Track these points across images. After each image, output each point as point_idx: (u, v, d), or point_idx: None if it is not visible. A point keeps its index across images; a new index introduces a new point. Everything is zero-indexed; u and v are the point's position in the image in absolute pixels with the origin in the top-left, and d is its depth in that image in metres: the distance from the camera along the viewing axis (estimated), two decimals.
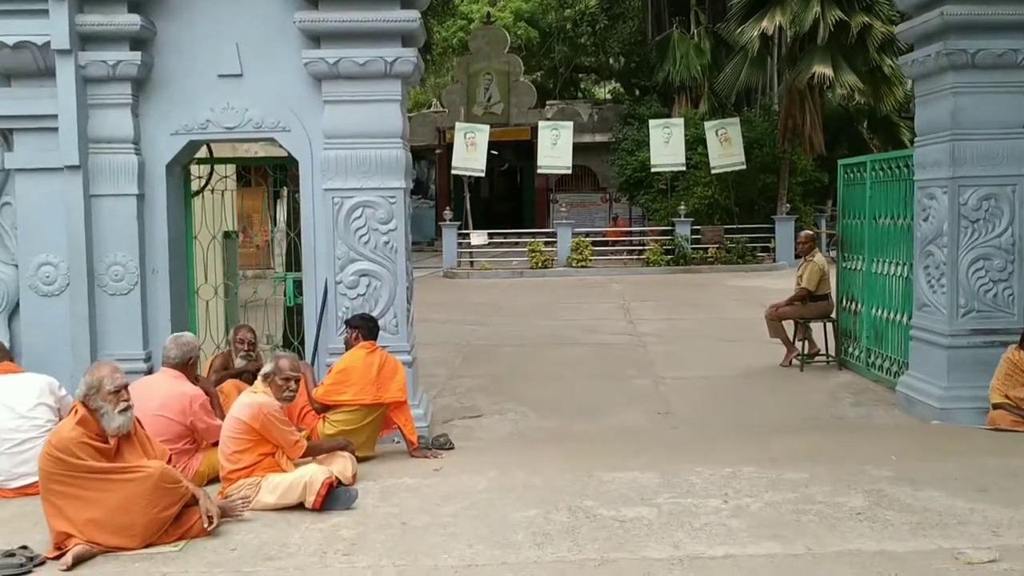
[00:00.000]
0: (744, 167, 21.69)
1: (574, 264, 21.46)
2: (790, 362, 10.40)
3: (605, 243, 24.44)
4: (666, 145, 21.86)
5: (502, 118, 33.19)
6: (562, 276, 21.14)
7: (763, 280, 19.36)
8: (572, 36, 33.83)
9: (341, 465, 5.73)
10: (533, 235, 24.36)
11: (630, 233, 26.21)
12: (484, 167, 22.00)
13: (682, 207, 21.69)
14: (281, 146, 7.57)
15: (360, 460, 6.35)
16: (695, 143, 22.62)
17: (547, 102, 35.04)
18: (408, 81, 7.54)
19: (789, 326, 10.55)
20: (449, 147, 23.54)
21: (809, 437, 7.21)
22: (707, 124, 22.13)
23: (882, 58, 20.59)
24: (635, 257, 22.51)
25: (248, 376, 7.27)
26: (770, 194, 22.42)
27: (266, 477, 5.38)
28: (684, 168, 22.22)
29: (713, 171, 21.95)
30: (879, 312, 9.43)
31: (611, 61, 37.86)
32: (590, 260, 21.67)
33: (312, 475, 5.32)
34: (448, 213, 22.49)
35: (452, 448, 6.88)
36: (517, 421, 8.31)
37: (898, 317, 8.96)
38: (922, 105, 8.11)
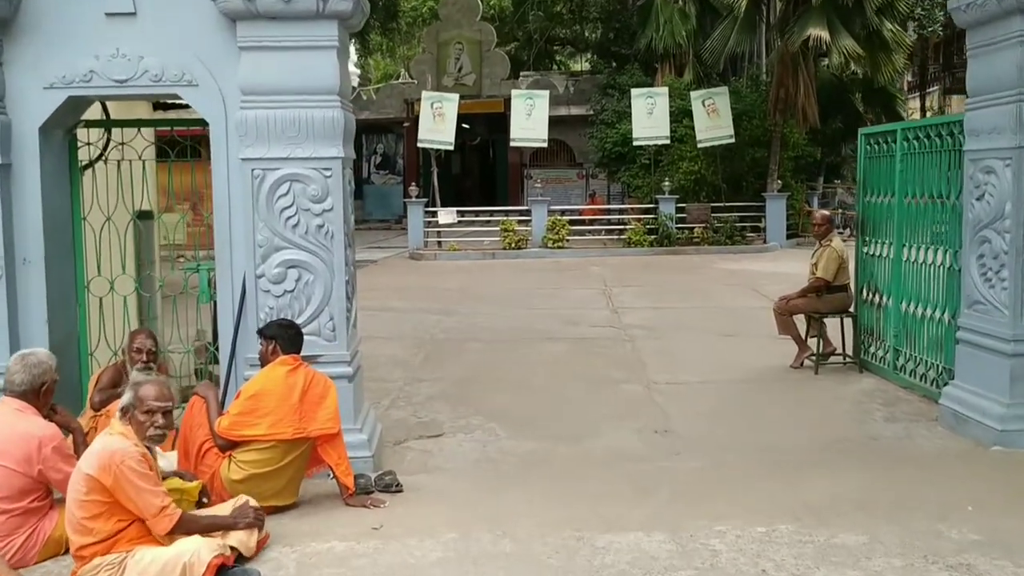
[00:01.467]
0: (733, 140, 20.24)
1: (550, 244, 19.97)
2: (802, 363, 9.00)
3: (582, 222, 22.94)
4: (649, 116, 20.35)
5: (474, 89, 31.49)
6: (537, 258, 19.66)
7: (754, 263, 17.98)
8: (547, 2, 32.19)
9: (240, 531, 4.24)
10: (506, 213, 22.86)
11: (609, 211, 24.75)
12: (453, 140, 20.41)
13: (666, 183, 20.21)
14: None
15: (278, 511, 4.87)
16: (680, 115, 21.12)
17: (521, 73, 33.42)
18: (347, 23, 6.01)
19: (800, 321, 9.15)
20: (417, 119, 21.91)
21: (850, 472, 5.78)
22: (693, 94, 20.63)
23: (881, 21, 19.15)
24: (615, 237, 21.03)
25: None
26: (759, 170, 20.99)
27: (134, 553, 3.88)
28: (668, 141, 20.74)
29: (699, 145, 20.48)
30: (911, 307, 8.02)
31: (587, 33, 36.27)
32: (567, 240, 20.17)
33: (196, 552, 3.84)
34: (414, 189, 20.89)
35: (400, 490, 5.39)
36: (485, 443, 6.83)
37: (937, 314, 7.56)
38: (977, 59, 6.65)
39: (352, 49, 38.29)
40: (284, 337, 5.12)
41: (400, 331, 11.39)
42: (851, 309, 9.03)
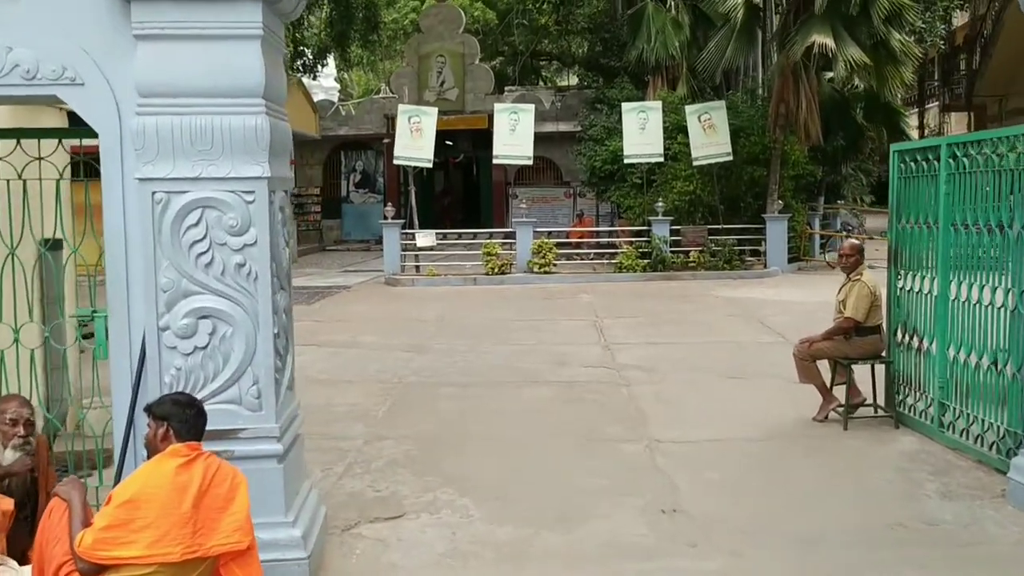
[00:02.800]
0: (731, 158, 19.04)
1: (536, 269, 18.67)
2: (827, 416, 7.75)
3: (569, 244, 21.68)
4: (641, 132, 19.12)
5: (456, 105, 30.33)
6: (522, 284, 18.36)
7: (755, 289, 16.74)
8: (532, 10, 31.06)
9: None
10: (489, 235, 21.59)
11: (598, 234, 23.49)
12: (432, 156, 19.12)
13: (660, 204, 18.93)
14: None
15: None
16: (674, 131, 19.92)
17: (506, 88, 32.27)
18: (277, 7, 4.76)
19: (824, 367, 7.91)
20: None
21: None
22: (688, 108, 19.41)
23: (889, 31, 17.99)
24: (606, 262, 19.75)
25: (18, 480, 4.53)
26: (758, 189, 19.76)
27: None
28: (662, 159, 19.50)
29: (695, 163, 19.26)
30: (961, 354, 6.79)
31: (575, 48, 35.18)
32: (554, 265, 18.87)
33: None
34: (389, 209, 19.55)
35: None
36: (454, 528, 5.53)
37: (997, 365, 6.32)
38: None
39: (331, 63, 37.15)
40: (179, 418, 3.81)
41: (365, 373, 10.08)
42: (883, 353, 7.78)
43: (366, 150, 32.55)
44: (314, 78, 33.53)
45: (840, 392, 7.73)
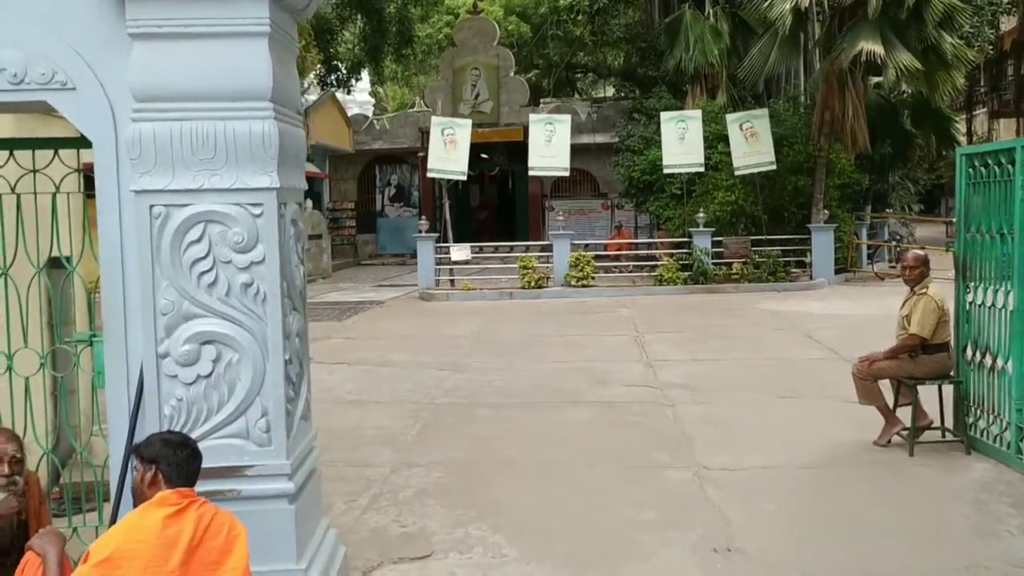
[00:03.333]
0: (774, 167, 18.43)
1: (573, 283, 18.16)
2: (889, 440, 7.17)
3: (607, 256, 21.15)
4: (681, 142, 18.58)
5: (491, 117, 30.01)
6: (559, 298, 17.86)
7: (802, 302, 16.10)
8: (567, 21, 30.62)
9: None
10: (524, 248, 21.15)
11: (636, 246, 22.95)
12: (465, 169, 18.70)
13: (700, 215, 18.37)
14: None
15: None
16: (714, 140, 19.36)
17: (541, 100, 31.87)
18: (287, 3, 4.34)
19: (885, 387, 7.34)
20: None
21: None
22: (730, 117, 18.85)
23: (941, 35, 17.29)
24: (645, 274, 19.18)
25: (3, 523, 4.13)
26: (802, 199, 19.11)
27: None
28: (702, 169, 18.95)
29: (737, 172, 18.67)
30: None
31: (610, 59, 34.72)
32: (592, 278, 18.35)
33: None
34: (423, 223, 19.15)
35: None
36: (485, 570, 5.05)
37: None
38: None
39: (365, 77, 36.99)
40: (170, 460, 3.38)
41: (397, 393, 9.64)
42: (951, 373, 7.19)
43: (401, 164, 32.30)
44: (348, 92, 33.35)
45: (904, 415, 7.15)
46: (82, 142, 4.35)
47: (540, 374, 10.50)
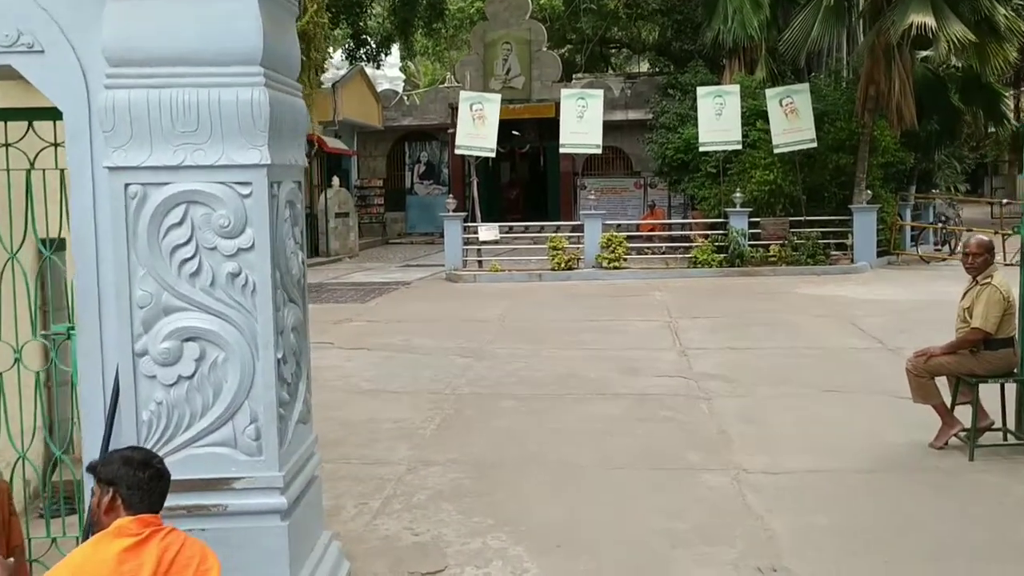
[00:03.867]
0: (814, 145, 17.70)
1: (604, 264, 17.56)
2: (946, 442, 6.60)
3: (639, 237, 20.51)
4: (718, 118, 17.88)
5: (523, 93, 29.36)
6: (590, 280, 17.30)
7: (843, 287, 15.44)
8: None
9: None
10: (555, 228, 20.61)
11: (670, 227, 22.32)
12: (495, 146, 18.13)
13: (738, 194, 17.68)
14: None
15: None
16: (752, 117, 18.64)
17: (574, 76, 31.20)
18: None
19: (942, 384, 6.76)
20: None
21: None
22: (769, 92, 18.11)
23: (994, 6, 16.45)
24: (679, 256, 18.54)
25: None
26: (843, 178, 18.36)
27: None
28: (740, 147, 18.25)
29: (776, 150, 17.94)
30: None
31: (645, 34, 33.91)
32: (624, 259, 17.75)
33: None
34: (451, 201, 18.61)
35: None
36: None
37: None
38: None
39: (395, 52, 36.47)
40: (130, 482, 2.91)
41: (417, 382, 9.18)
42: (1015, 370, 6.60)
43: (431, 141, 31.77)
44: (378, 67, 32.89)
45: (962, 415, 6.58)
46: (59, 113, 3.88)
47: (568, 362, 9.99)
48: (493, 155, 18.54)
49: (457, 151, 18.49)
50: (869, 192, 17.60)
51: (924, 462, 6.38)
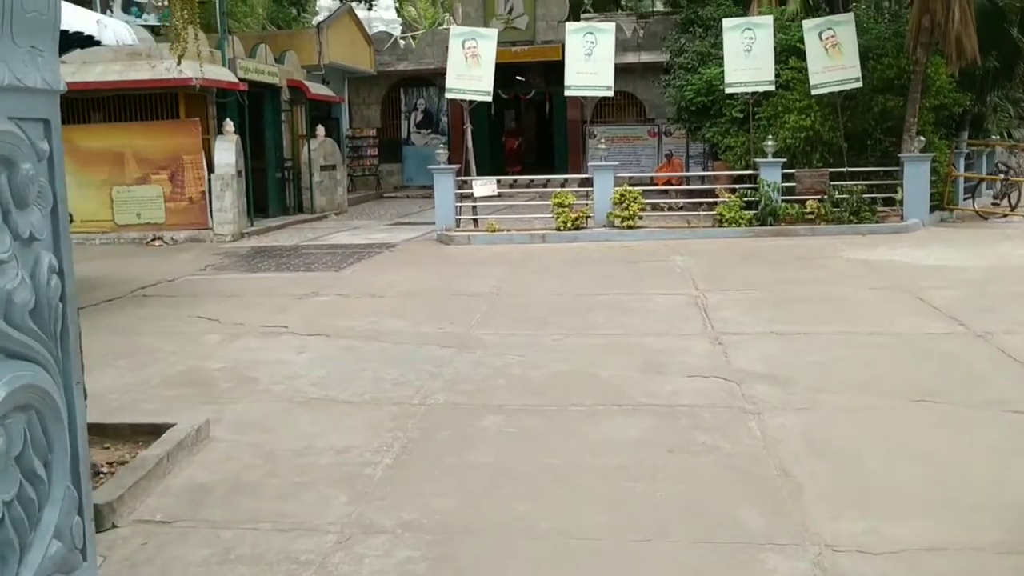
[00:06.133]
0: (859, 84, 15.45)
1: (617, 223, 15.41)
2: None
3: (653, 191, 18.32)
4: (747, 55, 15.62)
5: (527, 34, 27.08)
6: (600, 241, 15.18)
7: (896, 249, 13.29)
8: None
9: None
10: (562, 182, 18.46)
11: (689, 179, 20.12)
12: (490, 88, 15.92)
13: (770, 142, 15.44)
14: None
15: None
16: (784, 54, 16.38)
17: (582, 16, 28.77)
18: None
19: None
20: None
21: None
22: (806, 24, 15.80)
23: None
24: (702, 213, 16.37)
25: None
26: (890, 123, 16.12)
27: None
28: (772, 87, 16.00)
29: (814, 91, 15.67)
30: None
31: None
32: (639, 217, 15.60)
33: None
34: (442, 152, 16.42)
35: None
36: None
37: None
38: None
39: None
40: None
41: (379, 385, 7.13)
42: None
43: (428, 87, 29.51)
44: (370, 8, 30.51)
45: None
46: None
47: (574, 354, 7.94)
48: (489, 99, 16.31)
49: (447, 95, 16.30)
50: (922, 139, 15.33)
51: None
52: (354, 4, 28.40)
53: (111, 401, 6.80)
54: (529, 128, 32.90)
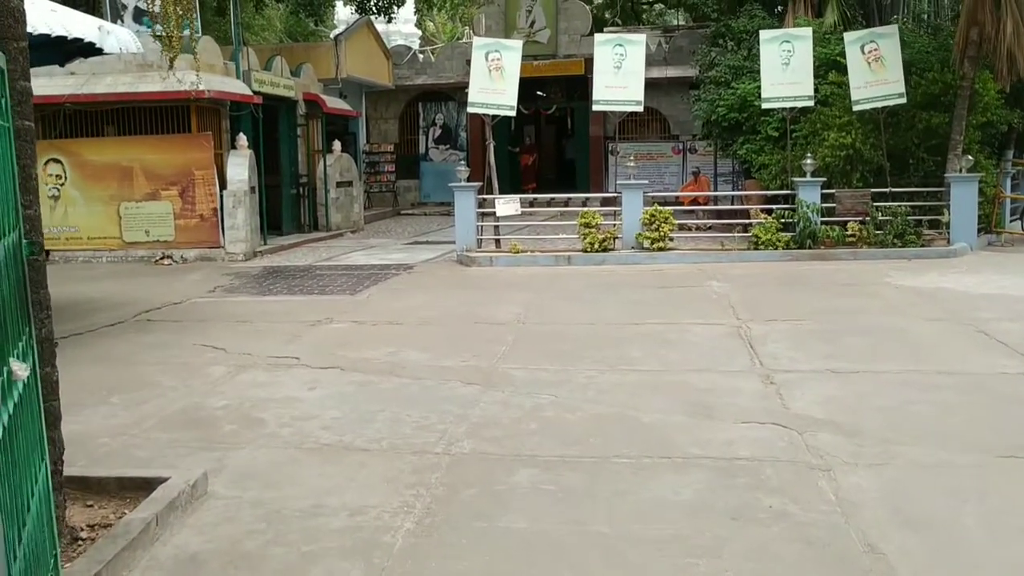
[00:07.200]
0: (903, 100, 14.71)
1: (647, 244, 14.70)
2: None
3: (680, 209, 17.55)
4: (785, 69, 14.90)
5: (548, 48, 26.46)
6: (629, 263, 14.45)
7: (946, 275, 12.50)
8: None
9: None
10: (585, 201, 17.74)
11: (717, 199, 19.37)
12: (515, 103, 15.24)
13: (808, 161, 14.69)
14: None
15: None
16: (822, 68, 15.66)
17: (605, 30, 28.14)
18: None
19: None
20: None
21: None
22: (848, 36, 15.07)
23: None
24: (736, 235, 15.61)
25: None
26: (934, 141, 15.36)
27: None
28: (811, 102, 15.27)
29: (856, 107, 14.93)
30: None
31: None
32: (670, 239, 14.87)
33: None
34: (463, 169, 15.73)
35: None
36: None
37: None
38: None
39: (410, 3, 33.47)
40: None
41: (398, 429, 6.42)
42: None
43: (447, 101, 28.90)
44: (389, 21, 29.96)
45: None
46: None
47: (610, 393, 7.22)
48: (512, 113, 15.62)
49: (470, 109, 15.59)
50: (969, 158, 14.54)
51: None
52: (373, 17, 27.83)
53: (100, 446, 6.12)
54: (545, 144, 32.28)
